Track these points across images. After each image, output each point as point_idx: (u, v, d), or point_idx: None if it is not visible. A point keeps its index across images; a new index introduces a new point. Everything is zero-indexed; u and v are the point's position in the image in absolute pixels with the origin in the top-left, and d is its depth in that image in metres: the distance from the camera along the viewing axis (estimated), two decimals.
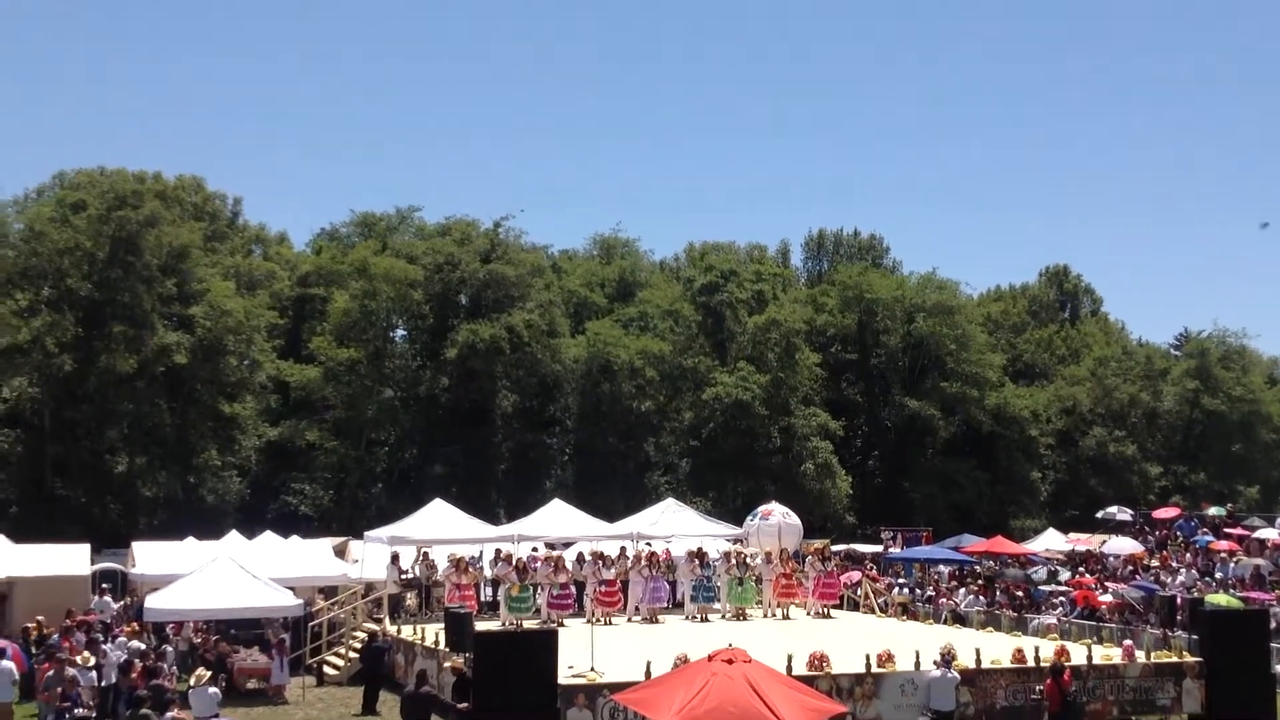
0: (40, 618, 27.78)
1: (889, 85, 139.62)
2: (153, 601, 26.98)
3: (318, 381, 56.92)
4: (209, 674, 21.06)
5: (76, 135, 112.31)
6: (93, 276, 51.40)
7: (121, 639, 26.37)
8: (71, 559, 33.51)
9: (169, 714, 17.63)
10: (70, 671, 19.99)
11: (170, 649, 27.64)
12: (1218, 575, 34.17)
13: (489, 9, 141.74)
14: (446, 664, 20.73)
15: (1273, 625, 25.70)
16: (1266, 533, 38.47)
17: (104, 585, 35.35)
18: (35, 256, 50.74)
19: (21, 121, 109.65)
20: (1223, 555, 36.00)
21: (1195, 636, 23.86)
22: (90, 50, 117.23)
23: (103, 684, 22.29)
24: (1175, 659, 22.68)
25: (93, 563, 36.20)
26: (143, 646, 25.54)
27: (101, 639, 25.10)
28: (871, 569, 41.39)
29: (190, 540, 35.90)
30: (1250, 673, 22.08)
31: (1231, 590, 31.20)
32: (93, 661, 22.50)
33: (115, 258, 51.48)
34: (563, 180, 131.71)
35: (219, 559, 28.82)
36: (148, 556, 34.26)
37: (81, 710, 17.89)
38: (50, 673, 20.40)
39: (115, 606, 32.65)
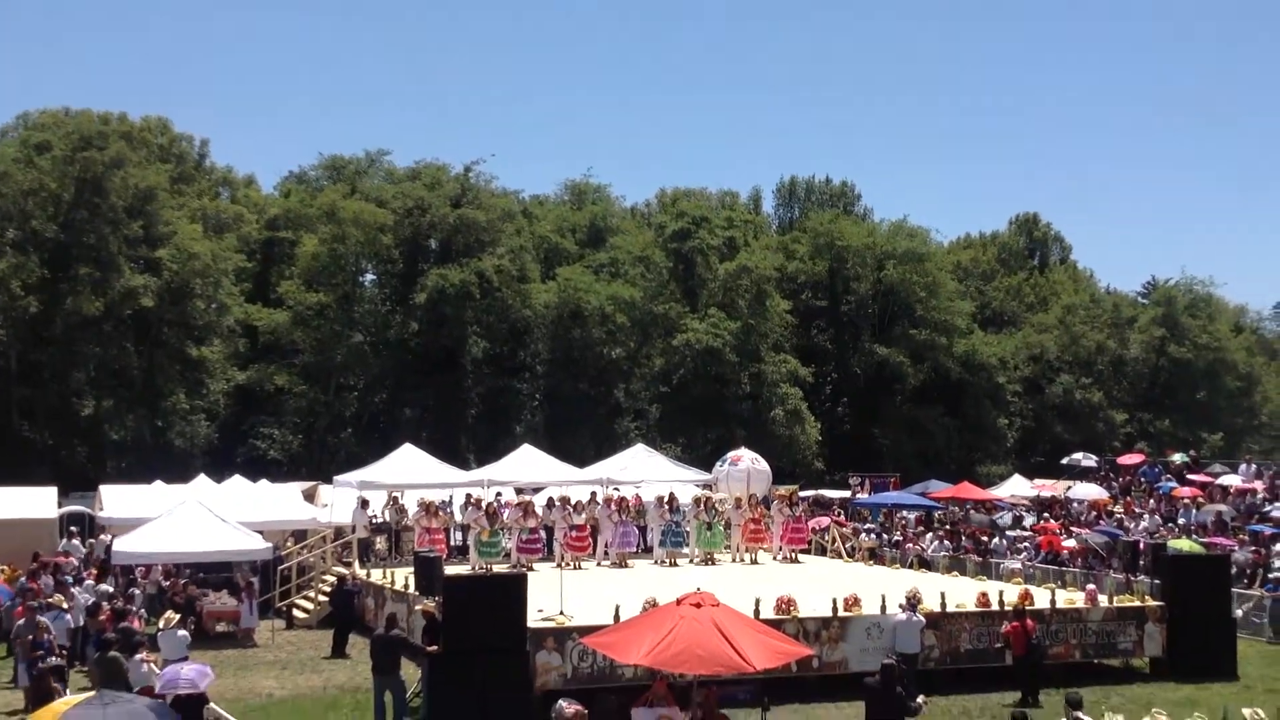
0: (5, 566, 27.69)
1: (861, 34, 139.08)
2: (121, 545, 26.93)
3: (286, 325, 56.67)
4: (178, 617, 21.10)
5: (40, 76, 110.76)
6: (58, 218, 50.89)
7: (89, 582, 26.38)
8: (39, 502, 33.48)
9: (137, 656, 17.64)
10: (41, 619, 19.90)
11: (139, 592, 27.66)
12: (1180, 521, 34.53)
13: None
14: (417, 607, 20.79)
15: (1233, 570, 26.06)
16: (1229, 479, 38.85)
17: (72, 528, 35.27)
18: None
19: None
20: (1186, 501, 36.34)
21: (1157, 581, 24.12)
22: None
23: (71, 626, 22.28)
24: (1137, 603, 22.95)
25: (60, 506, 36.12)
26: (110, 589, 25.55)
27: (70, 581, 25.08)
28: (839, 514, 41.66)
29: (158, 484, 35.81)
30: (1211, 617, 22.45)
31: (1194, 536, 31.56)
32: (65, 605, 22.49)
33: (81, 199, 50.95)
34: (534, 125, 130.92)
35: (187, 502, 28.77)
36: (116, 500, 34.19)
37: (55, 659, 17.82)
38: (21, 620, 20.33)
39: (82, 549, 32.60)
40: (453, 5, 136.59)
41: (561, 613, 19.94)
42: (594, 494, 31.85)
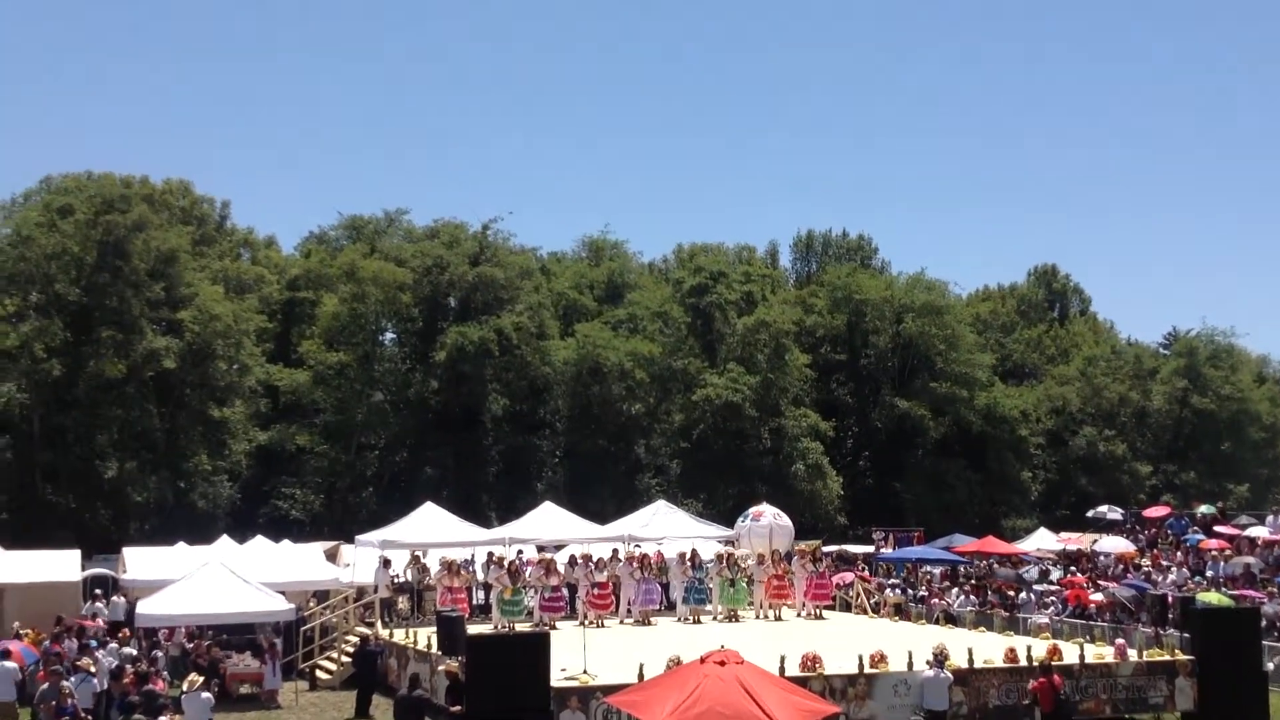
0: (30, 630, 27.62)
1: (878, 86, 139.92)
2: (144, 607, 26.90)
3: (307, 385, 56.87)
4: (201, 679, 20.98)
5: (63, 140, 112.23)
6: (81, 281, 51.26)
7: (113, 645, 26.31)
8: (62, 565, 33.48)
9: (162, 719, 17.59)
10: (65, 683, 19.75)
11: (162, 654, 27.58)
12: (1209, 573, 34.22)
13: (475, 11, 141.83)
14: (440, 667, 20.71)
15: (1264, 623, 25.77)
16: (1257, 531, 38.47)
17: (96, 591, 35.28)
18: (23, 261, 50.53)
19: (8, 126, 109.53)
20: (1213, 553, 36.02)
21: (1187, 635, 23.92)
22: (77, 54, 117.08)
23: (96, 690, 22.19)
24: (1167, 657, 22.73)
25: (84, 569, 36.12)
26: (134, 652, 25.47)
27: (94, 645, 25.02)
28: (863, 570, 41.39)
29: (181, 545, 35.85)
30: (1242, 670, 22.16)
31: (1223, 588, 31.26)
32: (91, 668, 22.42)
33: (103, 262, 51.34)
34: (551, 182, 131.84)
35: (210, 564, 28.79)
36: (139, 562, 34.22)
37: None
38: (45, 685, 20.20)
39: (106, 611, 32.57)
40: (466, 63, 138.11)
41: (585, 671, 19.83)
42: (615, 551, 31.74)
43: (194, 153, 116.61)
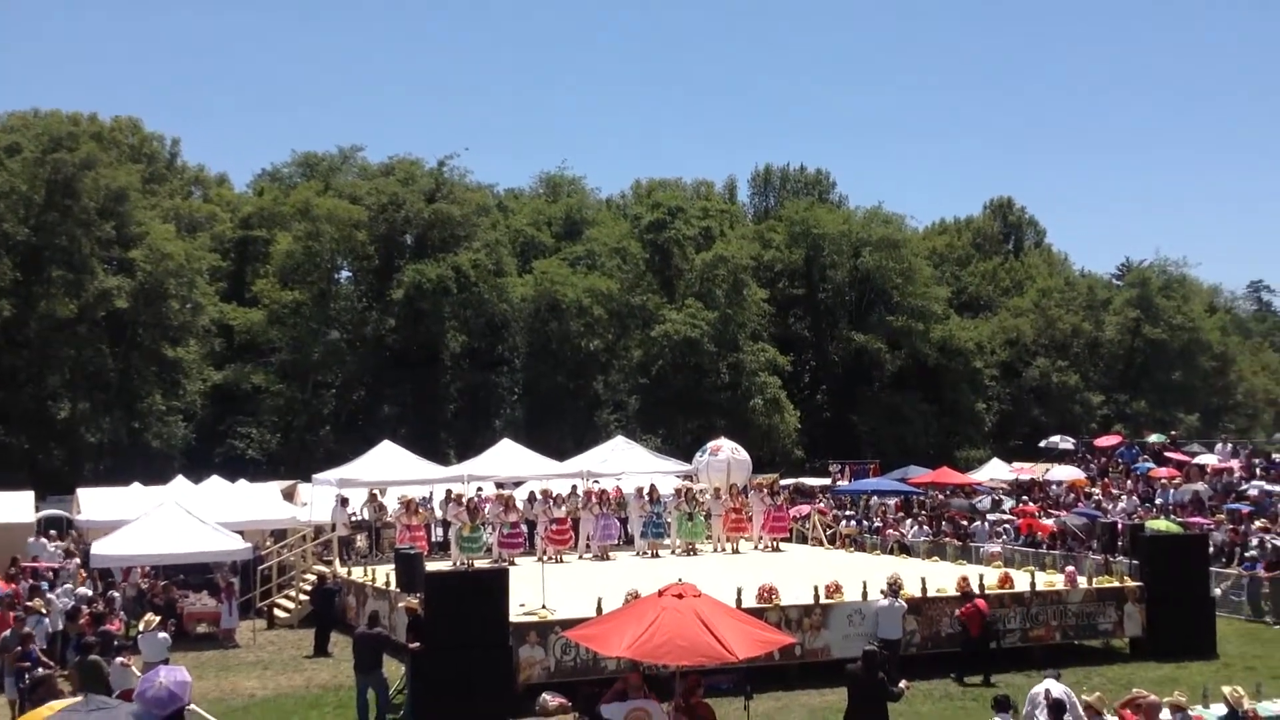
0: None
1: (835, 21, 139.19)
2: (100, 547, 26.76)
3: (262, 324, 56.48)
4: (158, 619, 20.95)
5: (8, 77, 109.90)
6: (29, 220, 50.55)
7: (68, 585, 26.20)
8: (16, 506, 33.24)
9: (118, 659, 17.54)
10: (27, 628, 19.57)
11: (119, 595, 27.50)
12: (1158, 501, 34.69)
13: None
14: (400, 604, 20.74)
15: (1211, 549, 26.20)
16: (1206, 459, 39.01)
17: (50, 531, 35.06)
18: None
19: None
20: (1163, 482, 36.50)
21: (1136, 562, 24.27)
22: None
23: (50, 631, 22.12)
24: (1117, 584, 23.06)
25: (37, 510, 35.88)
26: (89, 593, 25.38)
27: (46, 586, 24.89)
28: (820, 503, 41.73)
29: (136, 486, 35.57)
30: (1190, 596, 22.56)
31: (1172, 516, 31.72)
32: (44, 609, 22.32)
33: (52, 201, 50.62)
34: (508, 118, 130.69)
35: (166, 504, 28.58)
36: (93, 502, 33.96)
37: (41, 669, 17.51)
38: (7, 632, 19.95)
39: (50, 549, 32.29)
40: (423, 0, 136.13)
41: (544, 606, 19.92)
42: (574, 487, 31.82)
43: (143, 89, 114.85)
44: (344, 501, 30.86)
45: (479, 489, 31.57)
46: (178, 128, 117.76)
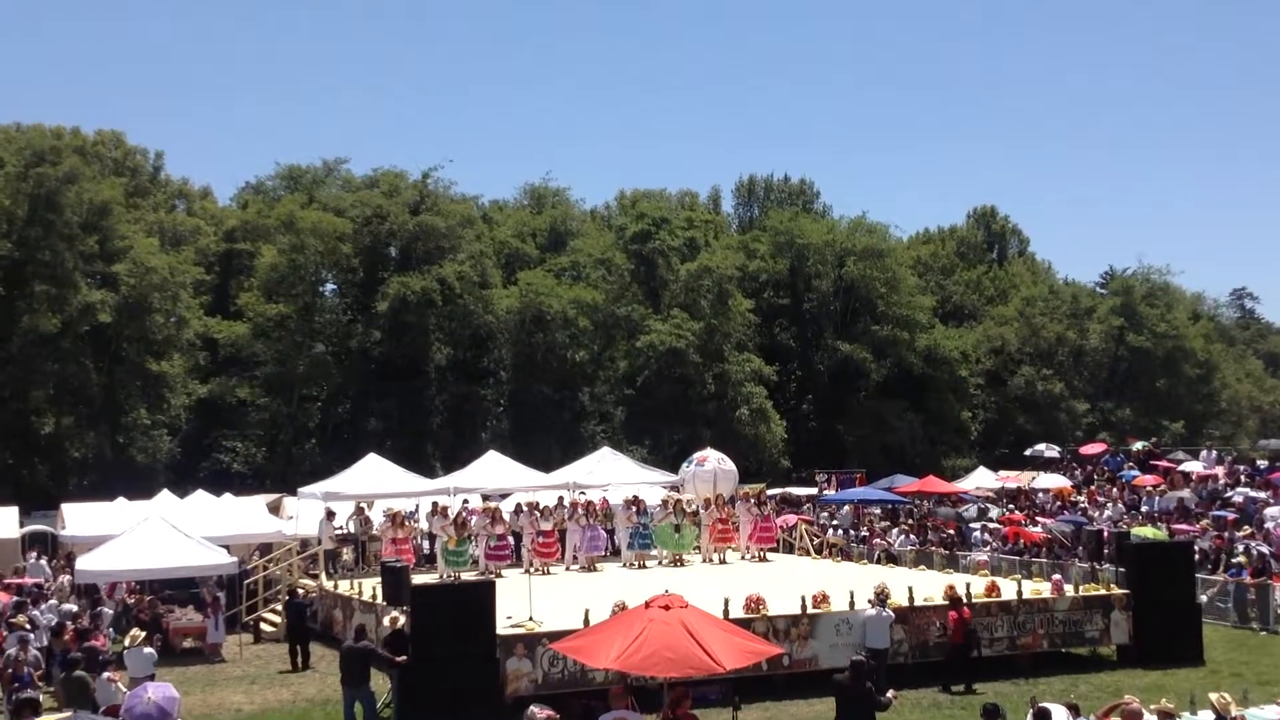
0: None
1: (816, 29, 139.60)
2: (84, 563, 26.63)
3: (247, 338, 56.34)
4: (144, 634, 20.87)
5: None
6: (12, 235, 50.41)
7: (53, 601, 26.08)
8: None
9: (104, 675, 17.46)
10: (13, 650, 19.18)
11: (106, 610, 27.37)
12: (1143, 509, 34.84)
13: None
14: (386, 619, 20.66)
15: (1197, 556, 26.29)
16: (1190, 466, 39.22)
17: (36, 547, 34.90)
18: None
19: None
20: (1148, 489, 36.68)
21: (1122, 569, 24.35)
22: (2, 3, 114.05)
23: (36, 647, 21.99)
24: (1103, 592, 23.13)
25: (21, 525, 35.72)
26: (74, 609, 25.27)
27: (30, 603, 24.75)
28: (808, 512, 41.71)
29: (121, 500, 35.42)
30: (1176, 603, 22.64)
31: (1157, 523, 31.84)
32: (29, 625, 22.19)
33: (35, 215, 50.48)
34: (491, 130, 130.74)
35: (151, 519, 28.45)
36: (78, 518, 33.81)
37: (30, 691, 17.23)
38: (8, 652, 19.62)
39: (48, 569, 32.24)
40: (405, 10, 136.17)
41: (531, 618, 19.91)
42: (561, 499, 31.80)
43: (125, 103, 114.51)
44: (330, 515, 30.78)
45: (465, 501, 31.52)
46: (161, 141, 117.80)
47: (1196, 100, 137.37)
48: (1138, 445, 45.65)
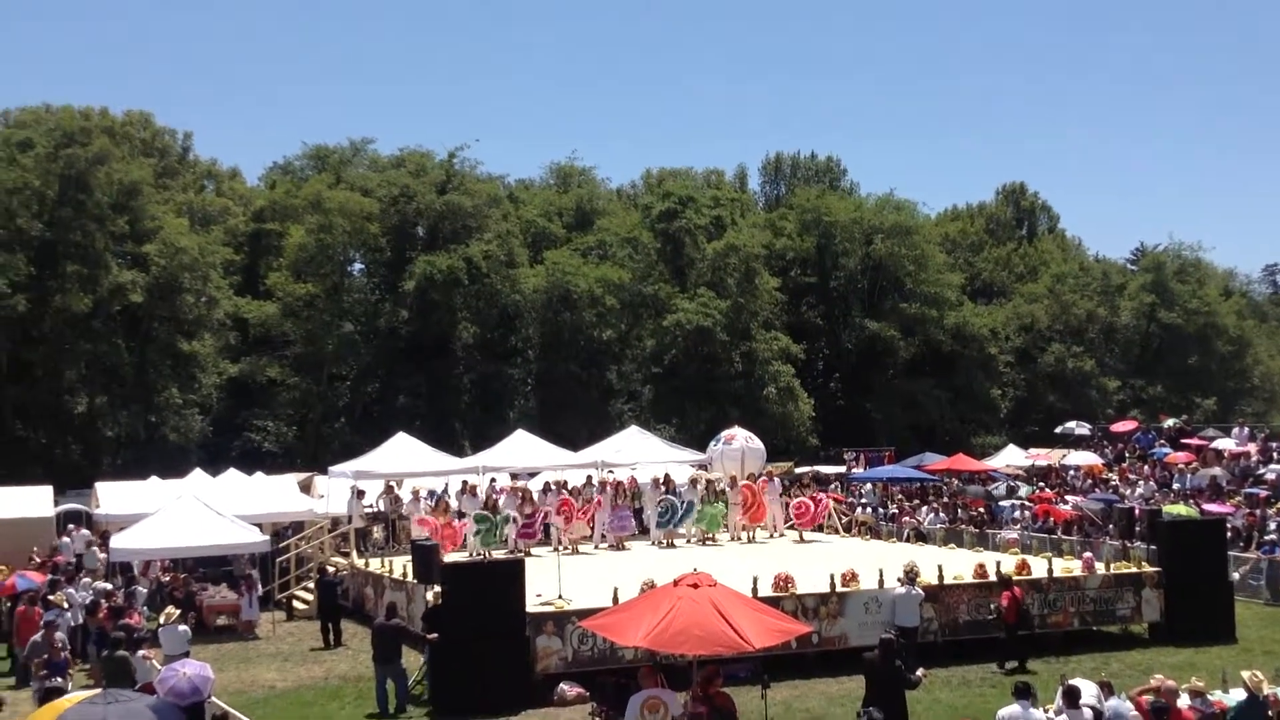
0: (3, 566, 27.60)
1: (844, 5, 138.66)
2: (119, 541, 26.90)
3: (276, 317, 56.56)
4: (178, 612, 21.07)
5: (20, 72, 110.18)
6: (43, 216, 50.69)
7: (87, 579, 26.33)
8: (35, 501, 33.37)
9: (139, 653, 17.65)
10: (56, 636, 19.06)
11: (140, 589, 27.65)
12: (1175, 486, 34.66)
13: None
14: (431, 594, 20.68)
15: (1229, 534, 26.16)
16: (1223, 443, 38.94)
17: (69, 526, 35.23)
18: None
19: None
20: (1180, 466, 36.46)
21: (1154, 547, 24.24)
22: None
23: (70, 625, 22.21)
24: (1134, 569, 23.03)
25: (56, 504, 36.05)
26: (109, 587, 25.51)
27: (65, 581, 24.99)
28: (837, 491, 41.66)
29: (154, 479, 35.74)
30: (1208, 581, 22.54)
31: (1189, 500, 31.68)
32: (66, 604, 22.42)
33: (65, 196, 50.73)
34: (518, 109, 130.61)
35: (184, 497, 28.74)
36: (112, 496, 34.12)
37: (59, 679, 17.25)
38: (37, 637, 19.41)
39: (82, 547, 32.50)
40: None
41: (560, 596, 19.98)
42: (589, 477, 31.86)
43: (154, 84, 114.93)
44: (360, 493, 30.96)
45: (493, 480, 31.64)
46: (189, 122, 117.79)
47: (1228, 76, 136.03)
48: (1169, 422, 45.39)
